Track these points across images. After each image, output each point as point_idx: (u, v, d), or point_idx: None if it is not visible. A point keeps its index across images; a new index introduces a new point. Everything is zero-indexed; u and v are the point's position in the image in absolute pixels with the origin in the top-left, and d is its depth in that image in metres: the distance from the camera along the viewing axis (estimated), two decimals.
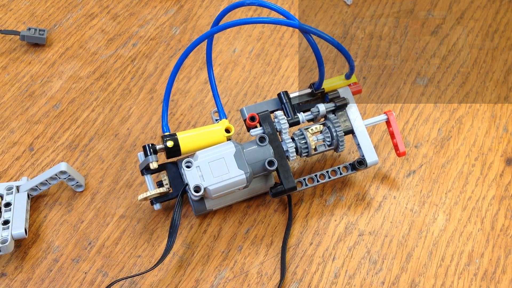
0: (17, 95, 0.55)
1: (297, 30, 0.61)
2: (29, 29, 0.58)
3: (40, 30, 0.58)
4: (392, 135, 0.48)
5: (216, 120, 0.47)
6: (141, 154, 0.45)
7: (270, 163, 0.43)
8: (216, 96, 0.47)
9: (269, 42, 0.60)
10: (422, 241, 0.47)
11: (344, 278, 0.45)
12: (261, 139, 0.44)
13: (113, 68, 0.57)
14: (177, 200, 0.43)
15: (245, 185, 0.43)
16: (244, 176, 0.42)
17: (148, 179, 0.46)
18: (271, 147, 0.44)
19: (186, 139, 0.45)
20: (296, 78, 0.57)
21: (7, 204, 0.46)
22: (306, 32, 0.43)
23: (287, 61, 0.58)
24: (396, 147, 0.48)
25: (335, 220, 0.48)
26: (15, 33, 0.58)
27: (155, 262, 0.44)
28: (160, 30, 0.60)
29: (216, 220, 0.48)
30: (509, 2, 0.64)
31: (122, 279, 0.44)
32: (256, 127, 0.46)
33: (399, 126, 0.54)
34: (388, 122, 0.48)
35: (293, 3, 0.63)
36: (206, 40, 0.46)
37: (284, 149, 0.45)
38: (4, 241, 0.43)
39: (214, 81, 0.48)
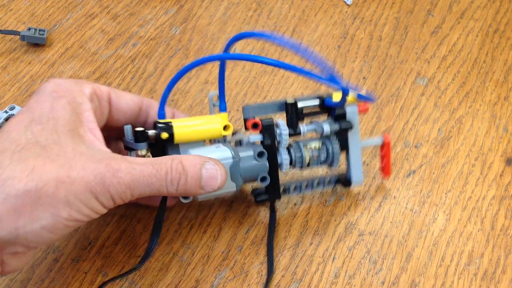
0: (17, 95, 0.55)
1: (297, 30, 0.61)
2: (29, 29, 0.58)
3: (40, 30, 0.58)
4: (382, 158, 0.48)
5: (214, 105, 0.45)
6: (128, 128, 0.42)
7: (263, 179, 0.43)
8: (221, 86, 0.45)
9: (269, 42, 0.60)
10: (422, 241, 0.47)
11: (344, 278, 0.45)
12: (260, 155, 0.43)
13: (113, 68, 0.57)
14: (162, 198, 0.42)
15: (234, 192, 0.43)
16: (235, 189, 0.42)
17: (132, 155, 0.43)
18: (268, 164, 0.44)
19: (182, 131, 0.42)
20: (296, 78, 0.57)
21: None
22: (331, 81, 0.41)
23: (287, 61, 0.58)
24: (383, 169, 0.49)
25: (335, 220, 0.48)
26: (15, 33, 0.58)
27: (139, 260, 0.43)
28: (160, 30, 0.60)
29: (216, 220, 0.48)
30: (509, 2, 0.64)
31: (110, 280, 0.43)
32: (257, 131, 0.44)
33: (399, 126, 0.54)
34: (382, 146, 0.48)
35: (293, 3, 0.63)
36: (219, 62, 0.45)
37: (279, 162, 0.44)
38: None
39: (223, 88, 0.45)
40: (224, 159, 0.42)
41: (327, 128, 0.45)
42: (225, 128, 0.43)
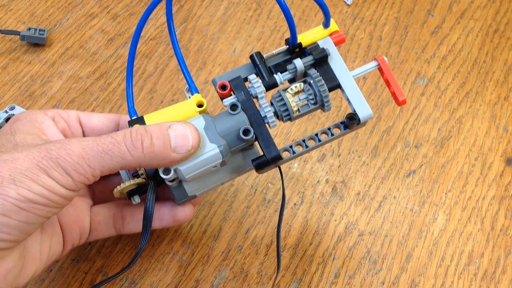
0: (17, 95, 0.55)
1: (297, 30, 0.61)
2: (29, 29, 0.58)
3: (40, 30, 0.58)
4: (387, 83, 0.41)
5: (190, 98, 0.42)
6: None
7: (245, 132, 0.38)
8: (182, 66, 0.41)
9: (269, 42, 0.60)
10: (422, 241, 0.47)
11: (344, 278, 0.45)
12: (233, 107, 0.39)
13: (113, 68, 0.57)
14: (150, 185, 0.39)
15: (221, 160, 0.38)
16: (217, 150, 0.37)
17: (122, 171, 0.42)
18: (245, 114, 0.39)
19: (154, 120, 0.39)
20: None
21: None
22: None
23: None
24: (394, 95, 0.41)
25: (335, 220, 0.48)
26: (15, 33, 0.58)
27: (129, 262, 0.43)
28: (160, 30, 0.60)
29: (216, 220, 0.48)
30: (509, 2, 0.64)
31: (100, 284, 0.43)
32: (231, 95, 0.40)
33: (399, 126, 0.54)
34: (380, 69, 0.41)
35: (293, 3, 0.63)
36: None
37: (262, 116, 0.39)
38: None
39: (178, 47, 0.42)
40: (195, 121, 0.38)
41: (299, 63, 0.40)
42: (199, 106, 0.40)
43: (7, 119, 0.51)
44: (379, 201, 0.49)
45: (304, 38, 0.41)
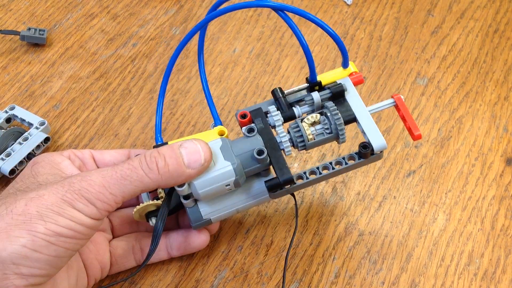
0: (17, 95, 0.55)
1: None
2: (29, 29, 0.58)
3: (40, 30, 0.58)
4: (403, 119, 0.43)
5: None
6: None
7: (259, 152, 0.39)
8: (209, 100, 0.44)
9: (269, 42, 0.60)
10: (422, 241, 0.47)
11: (344, 278, 0.45)
12: (249, 130, 0.41)
13: (113, 68, 0.57)
14: (164, 200, 0.40)
15: (234, 178, 0.39)
16: (230, 167, 0.39)
17: (143, 194, 0.43)
18: (260, 138, 0.41)
19: None
20: (296, 78, 0.57)
21: None
22: (280, 9, 0.39)
23: (287, 61, 0.58)
24: (410, 130, 0.42)
25: (335, 220, 0.48)
26: (15, 33, 0.58)
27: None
28: (160, 30, 0.60)
29: None
30: (509, 2, 0.64)
31: None
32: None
33: (399, 126, 0.54)
34: (396, 106, 0.43)
35: (293, 2, 0.63)
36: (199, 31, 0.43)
37: (278, 142, 0.41)
38: None
39: (206, 83, 0.45)
40: (212, 141, 0.40)
41: (316, 96, 0.42)
42: (221, 135, 0.42)
43: (7, 119, 0.51)
44: (379, 201, 0.49)
45: (324, 77, 0.43)
